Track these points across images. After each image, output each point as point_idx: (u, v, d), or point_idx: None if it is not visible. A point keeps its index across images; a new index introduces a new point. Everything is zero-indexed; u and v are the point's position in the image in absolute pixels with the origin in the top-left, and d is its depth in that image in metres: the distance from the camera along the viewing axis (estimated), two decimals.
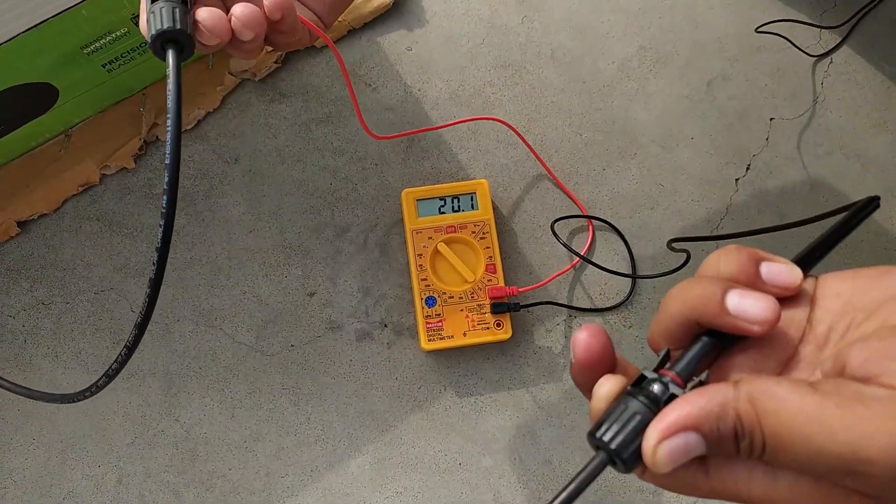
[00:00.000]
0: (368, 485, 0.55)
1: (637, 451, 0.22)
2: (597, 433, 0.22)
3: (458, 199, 0.58)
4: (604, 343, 0.24)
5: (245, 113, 0.61)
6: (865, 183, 0.62)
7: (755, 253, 0.24)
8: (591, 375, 0.24)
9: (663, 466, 0.21)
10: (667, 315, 0.24)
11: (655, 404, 0.22)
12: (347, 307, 0.58)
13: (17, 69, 0.48)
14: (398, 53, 0.63)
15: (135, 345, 0.32)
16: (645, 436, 0.21)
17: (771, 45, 0.64)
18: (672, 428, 0.21)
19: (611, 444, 0.22)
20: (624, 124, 0.62)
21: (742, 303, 0.22)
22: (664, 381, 0.23)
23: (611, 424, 0.22)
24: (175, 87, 0.30)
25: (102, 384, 0.35)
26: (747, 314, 0.22)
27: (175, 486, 0.55)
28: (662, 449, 0.21)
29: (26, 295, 0.57)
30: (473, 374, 0.57)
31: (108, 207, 0.59)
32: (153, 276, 0.30)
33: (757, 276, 0.23)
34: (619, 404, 0.23)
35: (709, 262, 0.24)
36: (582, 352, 0.24)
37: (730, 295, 0.22)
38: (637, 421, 0.22)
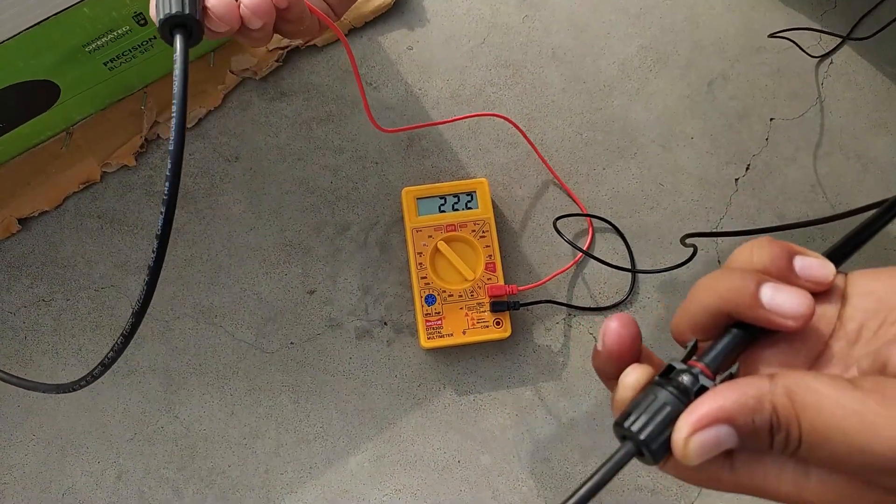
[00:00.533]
0: (367, 482, 0.56)
1: (666, 442, 0.21)
2: (625, 423, 0.22)
3: (459, 197, 0.58)
4: (634, 334, 0.24)
5: (246, 111, 0.61)
6: (865, 183, 0.62)
7: (788, 246, 0.23)
8: (617, 365, 0.24)
9: (693, 459, 0.21)
10: (696, 305, 0.23)
11: (686, 395, 0.22)
12: (347, 305, 0.58)
13: (19, 67, 0.48)
14: (399, 52, 0.63)
15: (131, 333, 0.32)
16: (676, 427, 0.21)
17: (771, 45, 0.64)
18: (704, 420, 0.20)
19: (640, 434, 0.21)
20: (624, 124, 0.62)
21: (776, 297, 0.22)
22: (694, 372, 0.22)
23: (639, 415, 0.22)
24: (182, 72, 0.30)
25: (98, 373, 0.35)
26: (782, 308, 0.22)
27: (174, 483, 0.55)
28: (694, 441, 0.20)
29: (27, 292, 0.57)
30: (473, 372, 0.58)
31: (109, 205, 0.59)
32: (152, 263, 0.30)
33: (790, 269, 0.23)
34: (647, 394, 0.22)
35: (740, 253, 0.24)
36: (612, 342, 0.24)
37: (764, 288, 0.22)
38: (667, 412, 0.21)
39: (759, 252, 0.23)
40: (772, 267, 0.23)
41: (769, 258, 0.23)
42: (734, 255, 0.24)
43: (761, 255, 0.23)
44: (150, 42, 0.54)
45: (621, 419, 0.22)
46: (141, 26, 0.51)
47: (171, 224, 0.30)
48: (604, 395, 0.58)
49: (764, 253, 0.23)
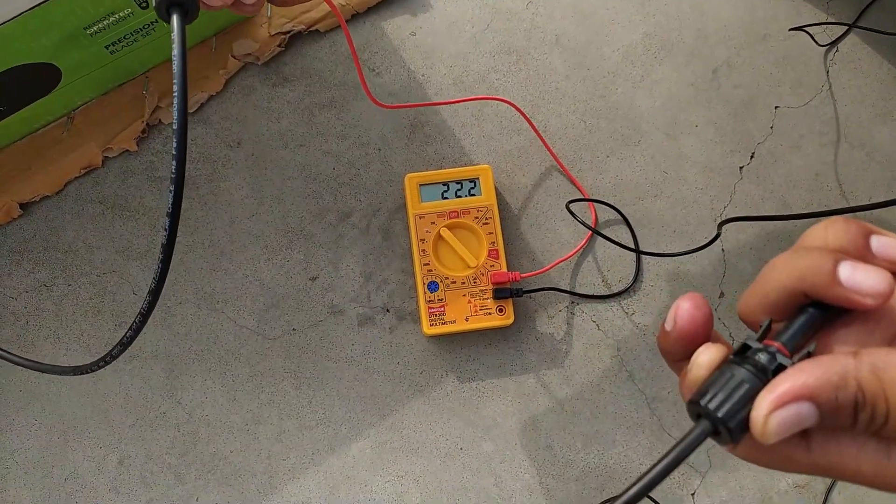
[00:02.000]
0: (369, 468, 0.56)
1: (744, 420, 0.21)
2: (701, 401, 0.21)
3: (462, 184, 0.58)
4: (707, 314, 0.24)
5: (248, 97, 0.61)
6: (870, 172, 0.62)
7: (865, 225, 0.23)
8: (687, 346, 0.23)
9: (772, 437, 0.20)
10: (771, 285, 0.23)
11: (763, 374, 0.21)
12: (349, 292, 0.58)
13: (20, 49, 0.48)
14: (402, 38, 0.62)
15: (149, 311, 0.32)
16: (755, 404, 0.21)
17: (776, 33, 0.64)
18: (786, 396, 0.20)
19: (717, 412, 0.21)
20: (628, 111, 0.62)
21: (855, 274, 0.21)
22: (770, 350, 0.22)
23: (716, 392, 0.21)
24: (180, 51, 0.30)
25: (117, 353, 0.35)
26: (861, 286, 0.21)
27: (176, 468, 0.55)
28: (774, 418, 0.20)
29: (28, 277, 0.57)
30: (475, 359, 0.57)
31: (110, 190, 0.59)
32: (165, 241, 0.30)
33: (867, 248, 0.22)
34: (723, 373, 0.22)
35: (814, 232, 0.23)
36: (685, 322, 0.23)
37: (842, 266, 0.21)
38: (745, 390, 0.21)
39: (835, 231, 0.23)
40: (848, 246, 0.22)
41: (846, 237, 0.23)
42: (807, 235, 0.23)
43: (837, 234, 0.23)
44: (151, 25, 0.54)
45: (697, 397, 0.22)
46: (143, 9, 0.51)
47: (178, 214, 0.29)
48: (606, 383, 0.58)
49: (840, 232, 0.23)
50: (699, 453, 0.57)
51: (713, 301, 0.59)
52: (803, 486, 0.57)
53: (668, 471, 0.21)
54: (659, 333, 0.25)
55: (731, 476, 0.57)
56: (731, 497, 0.57)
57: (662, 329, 0.24)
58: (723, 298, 0.59)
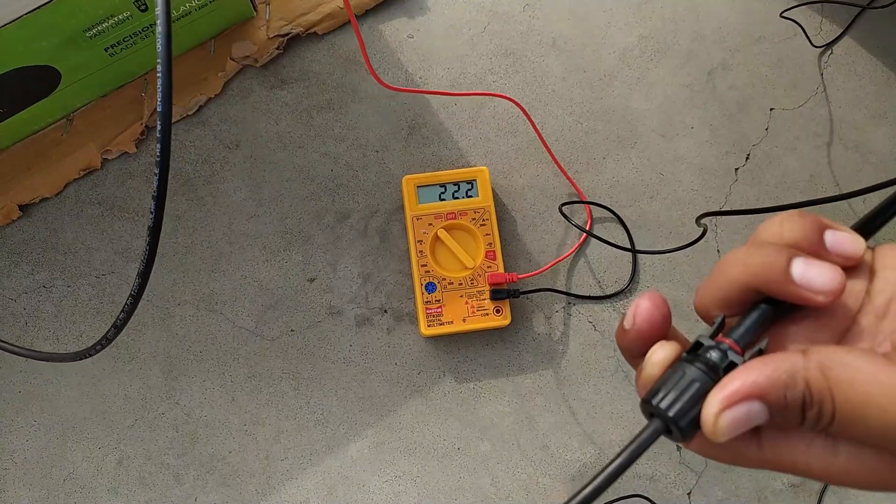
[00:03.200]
0: (367, 468, 0.56)
1: (695, 419, 0.21)
2: (653, 400, 0.22)
3: (459, 185, 0.58)
4: (665, 313, 0.24)
5: (246, 99, 0.61)
6: (864, 173, 0.62)
7: (819, 220, 0.23)
8: (645, 344, 0.24)
9: (723, 436, 0.20)
10: (724, 280, 0.23)
11: (714, 372, 0.21)
12: (347, 293, 0.58)
13: (20, 51, 0.48)
14: (399, 41, 0.63)
15: (139, 294, 0.33)
16: (706, 403, 0.21)
17: (772, 35, 0.64)
18: (736, 396, 0.20)
19: (668, 411, 0.21)
20: (624, 113, 0.62)
21: (808, 272, 0.21)
22: (722, 348, 0.22)
23: (668, 391, 0.21)
24: (164, 23, 0.29)
25: (112, 335, 0.35)
26: (813, 284, 0.21)
27: (175, 469, 0.55)
28: (724, 418, 0.20)
29: (27, 278, 0.57)
30: (472, 359, 0.58)
31: (109, 192, 0.59)
32: (152, 223, 0.30)
33: (821, 244, 0.22)
34: (675, 371, 0.22)
35: (770, 226, 0.23)
36: (643, 320, 0.23)
37: (795, 263, 0.21)
38: (696, 388, 0.21)
39: (790, 226, 0.23)
40: (802, 241, 0.22)
41: (800, 232, 0.22)
42: (762, 229, 0.23)
43: (792, 229, 0.23)
44: (150, 28, 0.54)
45: (649, 396, 0.22)
46: (142, 12, 0.51)
47: (165, 185, 0.30)
48: (602, 384, 0.58)
49: (795, 226, 0.23)
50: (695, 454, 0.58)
51: None
52: (798, 486, 0.58)
53: (621, 469, 0.21)
54: (617, 331, 0.25)
55: (727, 476, 0.57)
56: (727, 496, 0.57)
57: (621, 326, 0.24)
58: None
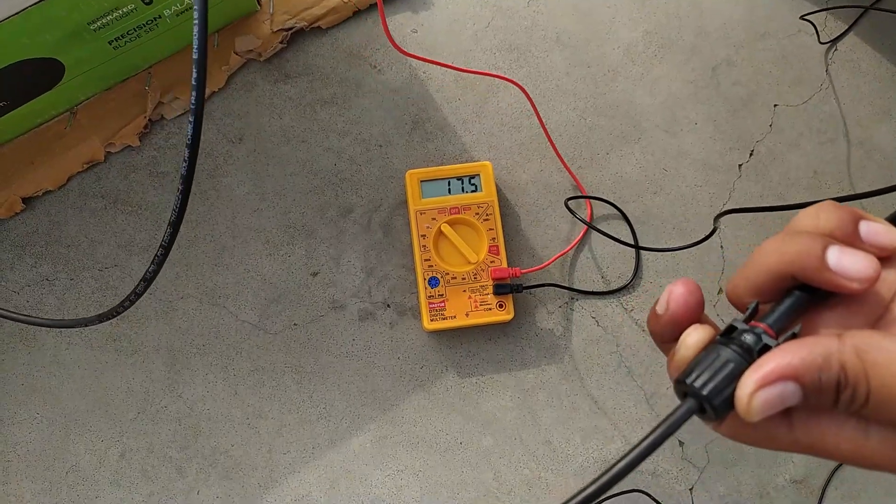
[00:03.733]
0: (370, 462, 0.56)
1: (729, 398, 0.21)
2: (687, 379, 0.22)
3: (462, 180, 0.58)
4: (699, 300, 0.24)
5: (250, 93, 0.61)
6: (868, 170, 0.62)
7: (854, 211, 0.23)
8: (678, 329, 0.24)
9: (756, 415, 0.21)
10: (760, 267, 0.23)
11: (749, 354, 0.22)
12: (350, 287, 0.58)
13: (24, 44, 0.48)
14: (403, 35, 0.63)
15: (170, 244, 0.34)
16: (740, 383, 0.21)
17: (776, 31, 0.64)
18: (771, 376, 0.21)
19: (702, 390, 0.21)
20: (628, 109, 0.62)
21: (843, 259, 0.22)
22: (756, 331, 0.22)
23: (702, 371, 0.22)
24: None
25: (141, 290, 0.36)
26: (848, 271, 0.22)
27: (178, 462, 0.55)
28: (758, 397, 0.21)
29: (31, 271, 0.58)
30: (475, 354, 0.58)
31: (112, 185, 0.59)
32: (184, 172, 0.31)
33: (855, 234, 0.23)
34: (709, 352, 0.22)
35: (805, 216, 0.24)
36: (678, 306, 0.24)
37: (830, 251, 0.22)
38: (730, 369, 0.22)
39: (826, 216, 0.23)
40: (837, 230, 0.23)
41: (836, 221, 0.23)
42: (798, 219, 0.24)
43: (828, 219, 0.23)
44: (154, 21, 0.54)
45: (683, 376, 0.22)
46: (146, 5, 0.51)
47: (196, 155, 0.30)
48: (605, 379, 0.58)
49: (830, 216, 0.23)
50: (697, 449, 0.58)
51: (712, 297, 0.60)
52: (800, 482, 0.58)
53: (654, 446, 0.21)
54: (649, 315, 0.25)
55: (729, 471, 0.57)
56: (729, 492, 0.57)
57: (653, 312, 0.25)
58: (721, 294, 0.60)
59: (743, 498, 0.57)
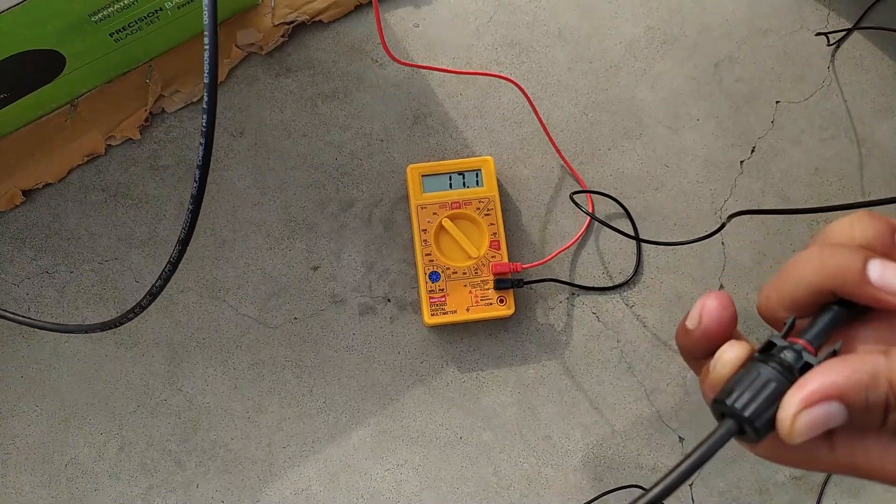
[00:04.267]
0: (369, 456, 0.56)
1: (771, 419, 0.21)
2: (727, 400, 0.21)
3: (464, 175, 0.58)
4: (733, 314, 0.23)
5: (251, 86, 0.61)
6: (870, 167, 0.62)
7: (890, 221, 0.22)
8: (710, 345, 0.23)
9: (799, 437, 0.20)
10: (796, 282, 0.22)
11: (790, 372, 0.21)
12: (351, 281, 0.58)
13: (24, 35, 0.48)
14: (405, 30, 0.63)
15: (178, 261, 0.34)
16: (783, 404, 0.20)
17: (778, 28, 0.64)
18: (815, 396, 0.20)
19: (744, 411, 0.21)
20: (630, 105, 0.62)
21: (886, 273, 0.21)
22: (796, 348, 0.21)
23: (742, 391, 0.21)
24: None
25: (146, 303, 0.36)
26: (892, 286, 0.21)
27: (177, 455, 0.55)
28: (802, 418, 0.20)
29: (30, 264, 0.57)
30: (476, 349, 0.58)
31: (113, 178, 0.59)
32: (195, 192, 0.31)
33: (893, 245, 0.22)
34: (749, 371, 0.21)
35: (839, 227, 0.23)
36: (711, 321, 0.23)
37: (872, 265, 0.21)
38: (772, 388, 0.21)
39: (861, 226, 0.22)
40: (875, 242, 0.22)
41: (872, 233, 0.22)
42: (832, 229, 0.23)
43: (864, 230, 0.22)
44: (156, 14, 0.54)
45: (723, 396, 0.21)
46: None
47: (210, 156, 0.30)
48: (605, 375, 0.58)
49: (866, 228, 0.22)
50: None
51: None
52: (800, 478, 0.58)
53: (693, 469, 0.21)
54: (678, 329, 0.24)
55: (729, 468, 0.57)
56: (729, 488, 0.57)
57: (683, 326, 0.24)
58: (722, 290, 0.60)
59: (743, 494, 0.57)
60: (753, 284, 0.60)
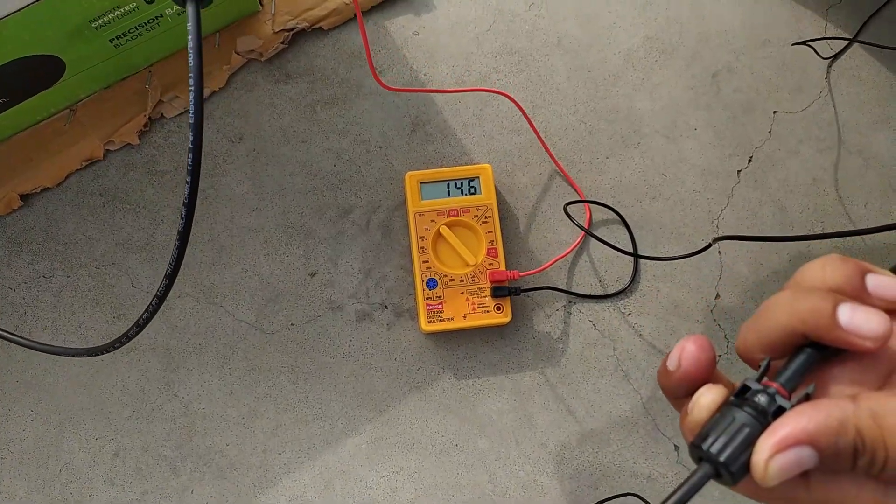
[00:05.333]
0: (365, 463, 0.56)
1: (746, 463, 0.21)
2: (703, 445, 0.22)
3: (462, 182, 0.58)
4: (711, 357, 0.24)
5: (251, 93, 0.61)
6: (867, 178, 0.62)
7: (860, 264, 0.23)
8: (690, 386, 0.24)
9: (773, 480, 0.21)
10: (770, 325, 0.23)
11: (763, 416, 0.22)
12: (348, 288, 0.58)
13: (24, 40, 0.48)
14: (405, 38, 0.63)
15: (165, 294, 0.33)
16: (756, 449, 0.21)
17: (776, 39, 0.64)
18: (786, 441, 0.20)
19: (719, 456, 0.21)
20: (628, 114, 0.62)
21: (855, 317, 0.21)
22: (770, 392, 0.22)
23: (718, 436, 0.22)
24: (196, 37, 0.30)
25: (133, 334, 0.36)
26: (861, 329, 0.21)
27: (172, 461, 0.55)
28: (775, 463, 0.20)
29: (27, 268, 0.57)
30: (472, 356, 0.58)
31: (111, 183, 0.59)
32: (181, 229, 0.31)
33: (863, 288, 0.23)
34: (723, 415, 0.22)
35: (810, 270, 0.23)
36: (690, 364, 0.24)
37: (841, 309, 0.22)
38: (746, 433, 0.21)
39: (832, 270, 0.23)
40: (845, 285, 0.22)
41: (842, 276, 0.23)
42: (803, 273, 0.24)
43: (834, 273, 0.23)
44: (156, 20, 0.54)
45: (699, 441, 0.22)
46: (148, 3, 0.51)
47: (195, 197, 0.30)
48: (601, 383, 0.58)
49: (836, 271, 0.23)
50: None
51: (709, 303, 0.60)
52: None
53: None
54: (660, 370, 0.25)
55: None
56: (724, 497, 0.57)
57: (664, 368, 0.24)
58: (718, 300, 0.60)
59: (738, 499, 0.57)
60: (750, 294, 0.60)
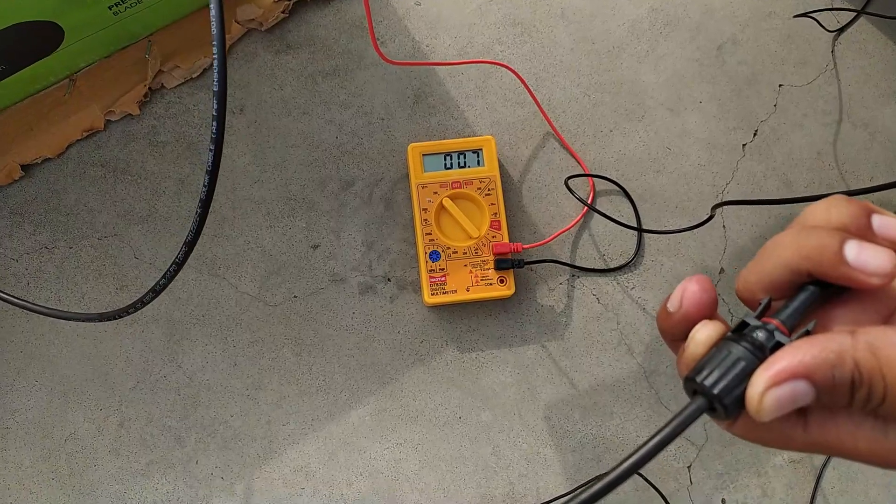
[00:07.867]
0: (368, 435, 0.56)
1: (740, 397, 0.21)
2: (697, 377, 0.21)
3: (465, 155, 0.58)
4: (713, 298, 0.23)
5: (251, 63, 0.60)
6: (872, 152, 0.62)
7: (866, 205, 0.23)
8: (689, 327, 0.23)
9: (768, 414, 0.20)
10: (774, 263, 0.22)
11: (761, 351, 0.21)
12: (351, 260, 0.58)
13: (23, 5, 0.47)
14: (407, 8, 0.62)
15: (183, 261, 0.34)
16: (751, 382, 0.21)
17: (782, 11, 0.64)
18: (782, 374, 0.20)
19: (713, 388, 0.21)
20: (632, 86, 0.62)
21: (861, 254, 0.21)
22: (769, 328, 0.22)
23: (712, 369, 0.21)
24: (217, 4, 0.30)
25: (149, 299, 0.36)
26: (867, 266, 0.21)
27: (177, 431, 0.55)
28: (770, 396, 0.20)
29: (29, 238, 0.57)
30: (475, 329, 0.58)
31: (112, 153, 0.59)
32: (203, 196, 0.31)
33: (868, 227, 0.22)
34: (720, 350, 0.22)
35: (816, 210, 0.23)
36: (691, 304, 0.23)
37: (848, 245, 0.21)
38: (742, 367, 0.21)
39: (838, 210, 0.23)
40: (851, 224, 0.22)
41: (848, 215, 0.22)
42: (809, 212, 0.23)
43: (840, 213, 0.22)
44: None
45: (693, 374, 0.22)
46: None
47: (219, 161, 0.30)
48: (604, 356, 0.58)
49: (842, 210, 0.22)
50: (696, 427, 0.58)
51: (713, 277, 0.60)
52: (798, 461, 0.58)
53: (662, 445, 0.21)
54: (660, 312, 0.24)
55: (727, 450, 0.58)
56: (727, 470, 0.58)
57: (664, 309, 0.24)
58: (723, 274, 0.60)
59: (741, 476, 0.58)
60: None
